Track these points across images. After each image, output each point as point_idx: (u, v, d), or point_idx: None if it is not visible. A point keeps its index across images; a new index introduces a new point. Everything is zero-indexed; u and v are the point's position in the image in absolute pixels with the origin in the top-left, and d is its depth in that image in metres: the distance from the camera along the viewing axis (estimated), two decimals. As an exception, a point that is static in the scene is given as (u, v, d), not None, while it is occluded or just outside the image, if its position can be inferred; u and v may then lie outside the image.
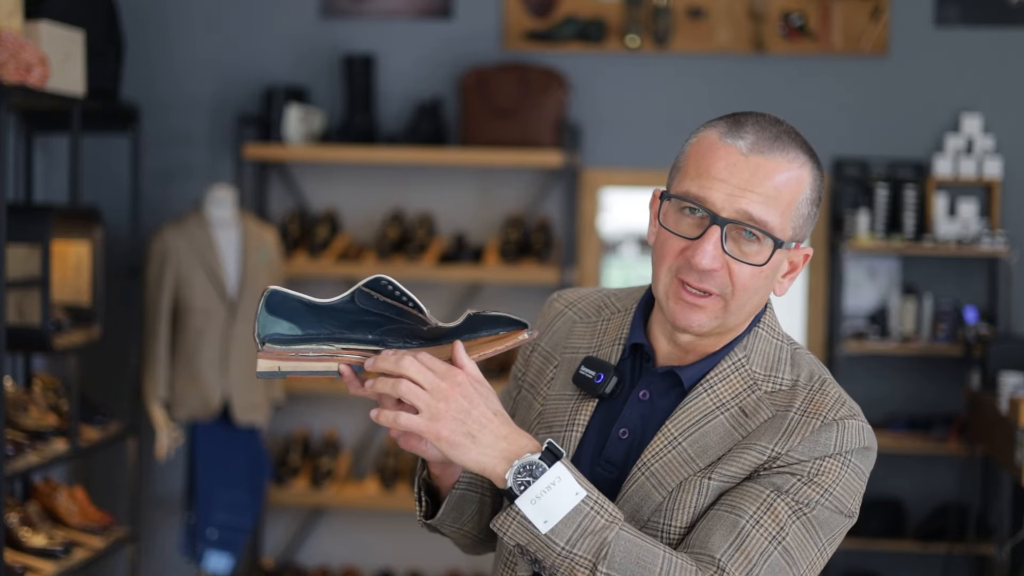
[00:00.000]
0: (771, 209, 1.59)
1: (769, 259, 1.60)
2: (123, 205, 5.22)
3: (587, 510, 1.52)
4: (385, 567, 5.54)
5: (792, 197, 1.61)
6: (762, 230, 1.59)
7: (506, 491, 1.53)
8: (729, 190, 1.59)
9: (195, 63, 5.52)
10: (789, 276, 1.68)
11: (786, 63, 5.33)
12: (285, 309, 1.58)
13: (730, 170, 1.59)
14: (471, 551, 1.89)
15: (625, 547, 1.51)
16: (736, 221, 1.59)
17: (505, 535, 1.53)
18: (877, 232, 5.21)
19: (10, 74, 3.80)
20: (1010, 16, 5.25)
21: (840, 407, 1.64)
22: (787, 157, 1.61)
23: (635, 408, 1.69)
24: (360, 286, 1.58)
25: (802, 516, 1.58)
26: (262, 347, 1.58)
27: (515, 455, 1.53)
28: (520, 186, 5.46)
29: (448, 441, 1.52)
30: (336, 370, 1.60)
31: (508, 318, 1.60)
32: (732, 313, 1.63)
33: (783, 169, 1.60)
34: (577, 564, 1.51)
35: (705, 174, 1.61)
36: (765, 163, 1.60)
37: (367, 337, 1.59)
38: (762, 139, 1.61)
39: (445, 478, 1.71)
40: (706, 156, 1.62)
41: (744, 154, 1.60)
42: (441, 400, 1.53)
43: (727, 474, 1.61)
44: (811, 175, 1.64)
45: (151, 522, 5.51)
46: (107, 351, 5.01)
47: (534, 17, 5.40)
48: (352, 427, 5.58)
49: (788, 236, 1.62)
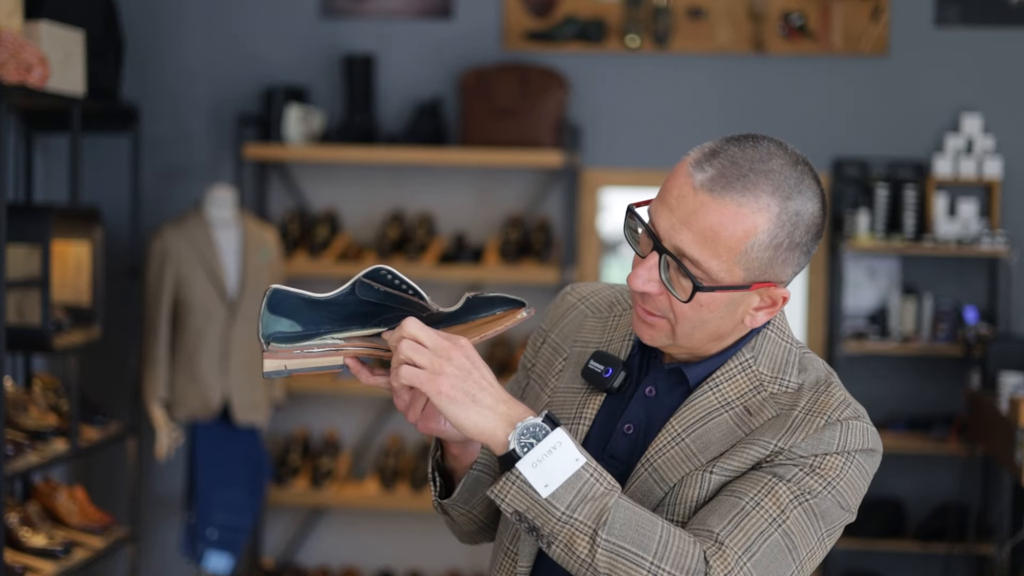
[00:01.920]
0: (705, 250, 1.56)
1: (690, 299, 1.58)
2: (123, 205, 5.22)
3: (587, 476, 1.52)
4: (385, 567, 5.54)
5: (735, 242, 1.56)
6: (687, 270, 1.57)
7: (505, 455, 1.53)
8: (672, 222, 1.58)
9: (195, 63, 5.52)
10: (766, 310, 1.64)
11: (786, 63, 5.33)
12: (287, 306, 1.58)
13: (679, 200, 1.58)
14: (471, 539, 1.89)
15: (625, 514, 1.52)
16: (671, 254, 1.58)
17: (504, 501, 1.53)
18: (877, 232, 5.21)
19: (10, 74, 3.80)
20: (1010, 16, 5.25)
21: (845, 408, 1.64)
22: (738, 200, 1.55)
23: (641, 404, 1.70)
24: (360, 277, 1.58)
25: (804, 502, 1.58)
26: (267, 347, 1.58)
27: (516, 418, 1.53)
28: (520, 186, 5.47)
29: (448, 396, 1.52)
30: (342, 363, 1.60)
31: (505, 298, 1.61)
32: (681, 337, 1.63)
33: (727, 212, 1.55)
34: (577, 530, 1.51)
35: (661, 197, 1.61)
36: (710, 203, 1.55)
37: (370, 329, 1.59)
38: (722, 176, 1.56)
39: (463, 458, 1.71)
40: (670, 179, 1.61)
41: (694, 188, 1.57)
42: (443, 357, 1.53)
43: (729, 468, 1.61)
44: (769, 219, 1.56)
45: (151, 522, 5.51)
46: (107, 351, 5.01)
47: (534, 17, 5.40)
48: (352, 427, 5.58)
49: (740, 278, 1.59)
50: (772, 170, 1.57)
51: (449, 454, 1.72)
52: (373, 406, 5.55)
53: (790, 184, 1.57)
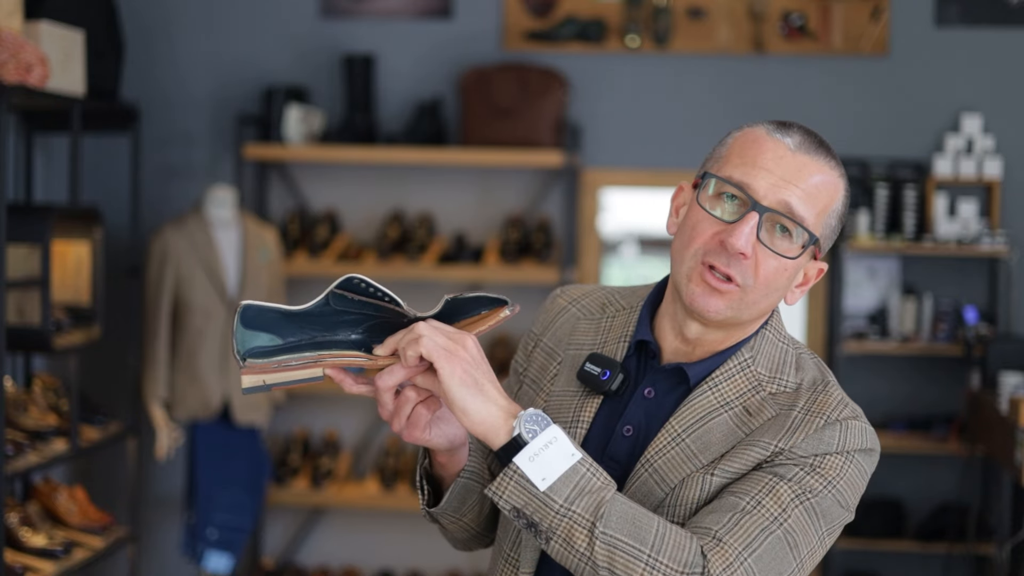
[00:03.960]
0: (809, 207, 1.63)
1: (799, 255, 1.64)
2: (123, 205, 5.22)
3: (583, 471, 1.53)
4: (385, 567, 5.54)
5: (828, 201, 1.65)
6: (799, 223, 1.62)
7: (504, 448, 1.53)
8: (774, 180, 1.62)
9: (195, 63, 5.52)
10: (801, 288, 1.70)
11: (786, 63, 5.33)
12: (261, 321, 1.56)
13: (776, 162, 1.63)
14: (464, 546, 1.89)
15: (622, 508, 1.52)
16: (776, 211, 1.62)
17: (501, 498, 1.53)
18: (877, 232, 5.21)
19: (10, 74, 3.80)
20: (1010, 16, 5.25)
21: (843, 408, 1.65)
22: (829, 163, 1.66)
23: (640, 405, 1.70)
24: (332, 288, 1.56)
25: (805, 501, 1.59)
26: (243, 363, 1.56)
27: (516, 411, 1.55)
28: (520, 186, 5.47)
29: (461, 379, 1.52)
30: (321, 375, 1.58)
31: (488, 297, 1.59)
32: (747, 306, 1.65)
33: (825, 172, 1.65)
34: (576, 523, 1.51)
35: (751, 163, 1.64)
36: (810, 162, 1.64)
37: (349, 337, 1.58)
38: (808, 141, 1.66)
39: (450, 466, 1.71)
40: (752, 147, 1.65)
41: (791, 150, 1.64)
42: (459, 345, 1.54)
43: (730, 470, 1.62)
44: (845, 187, 1.69)
45: (151, 522, 5.51)
46: (107, 351, 5.01)
47: (534, 17, 5.40)
48: (352, 427, 5.58)
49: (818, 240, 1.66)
50: (827, 144, 1.69)
51: (436, 463, 1.71)
52: (373, 406, 5.54)
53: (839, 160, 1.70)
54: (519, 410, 1.55)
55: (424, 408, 1.59)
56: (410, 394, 1.58)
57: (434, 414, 1.61)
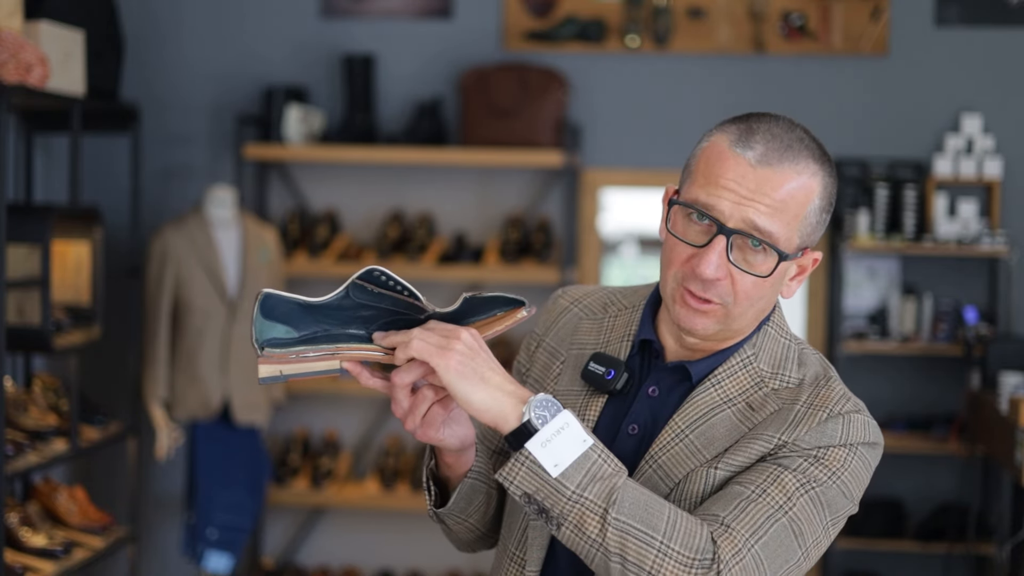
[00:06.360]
0: (776, 220, 1.60)
1: (773, 271, 1.62)
2: (123, 205, 5.22)
3: (595, 457, 1.53)
4: (385, 567, 5.54)
5: (799, 208, 1.62)
6: (767, 242, 1.60)
7: (515, 433, 1.53)
8: (736, 199, 1.60)
9: (195, 63, 5.52)
10: (797, 279, 1.69)
11: (786, 63, 5.33)
12: (281, 312, 1.55)
13: (739, 181, 1.60)
14: (468, 548, 1.90)
15: (633, 494, 1.52)
16: (742, 231, 1.60)
17: (512, 483, 1.53)
18: (877, 232, 5.21)
19: (10, 74, 3.79)
20: (1010, 16, 5.25)
21: (846, 402, 1.66)
22: (796, 168, 1.62)
23: (644, 404, 1.70)
24: (354, 279, 1.57)
25: (810, 490, 1.59)
26: (261, 352, 1.56)
27: (526, 396, 1.54)
28: (520, 186, 5.47)
29: (457, 372, 1.52)
30: (339, 367, 1.58)
31: (505, 297, 1.60)
32: (735, 319, 1.65)
33: (791, 180, 1.61)
34: (588, 509, 1.51)
35: (714, 182, 1.61)
36: (773, 175, 1.60)
37: (366, 330, 1.57)
38: (772, 149, 1.61)
39: (457, 467, 1.71)
40: (715, 164, 1.62)
41: (752, 165, 1.60)
42: (453, 338, 1.53)
43: (733, 464, 1.62)
44: (821, 184, 1.64)
45: (151, 522, 5.52)
46: (107, 351, 5.01)
47: (534, 17, 5.40)
48: (352, 427, 5.58)
49: (795, 246, 1.64)
50: (802, 138, 1.64)
51: (443, 463, 1.71)
52: (373, 406, 5.55)
53: (820, 150, 1.66)
54: (529, 395, 1.54)
55: (440, 407, 1.60)
56: (428, 392, 1.58)
57: (449, 414, 1.61)
